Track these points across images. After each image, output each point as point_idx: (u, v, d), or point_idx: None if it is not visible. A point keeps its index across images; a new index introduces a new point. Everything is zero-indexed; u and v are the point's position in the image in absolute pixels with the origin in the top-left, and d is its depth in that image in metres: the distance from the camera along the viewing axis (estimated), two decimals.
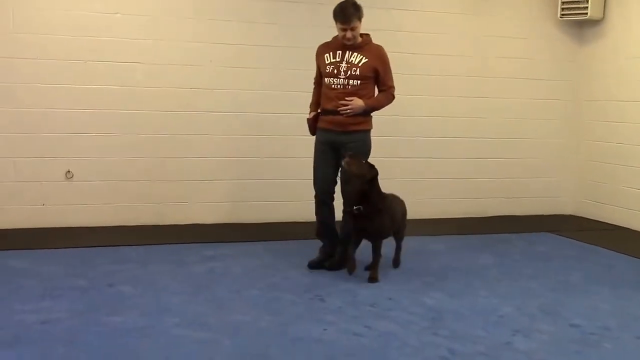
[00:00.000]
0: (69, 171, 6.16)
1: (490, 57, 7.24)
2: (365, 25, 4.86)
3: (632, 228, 6.84)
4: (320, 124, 4.97)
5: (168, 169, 6.41)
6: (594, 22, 7.26)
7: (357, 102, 4.79)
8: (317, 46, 5.04)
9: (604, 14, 7.15)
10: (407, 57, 6.85)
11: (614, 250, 5.94)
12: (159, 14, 6.24)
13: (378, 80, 4.91)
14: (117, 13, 6.12)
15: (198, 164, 6.48)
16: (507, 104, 7.36)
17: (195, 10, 6.33)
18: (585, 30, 7.45)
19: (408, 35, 6.90)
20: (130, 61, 6.19)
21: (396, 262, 5.16)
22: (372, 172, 4.65)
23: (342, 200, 5.01)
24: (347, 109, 4.78)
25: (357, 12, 4.71)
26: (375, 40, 5.01)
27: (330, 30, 4.89)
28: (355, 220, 4.72)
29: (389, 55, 4.99)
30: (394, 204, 4.96)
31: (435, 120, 7.11)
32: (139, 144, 6.30)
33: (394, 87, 4.99)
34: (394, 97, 5.00)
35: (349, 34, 4.74)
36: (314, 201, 5.10)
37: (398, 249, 5.17)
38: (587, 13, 7.06)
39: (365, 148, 4.90)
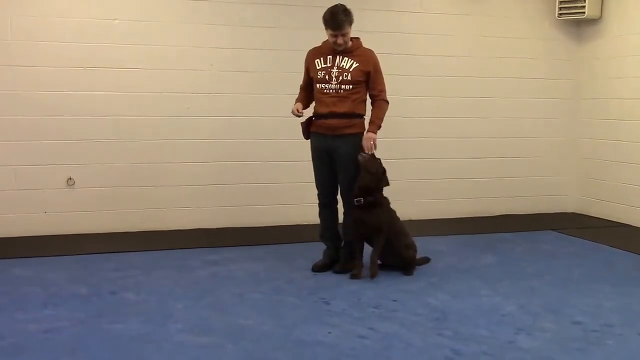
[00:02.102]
0: (70, 178, 6.16)
1: (489, 57, 7.24)
2: (363, 28, 4.87)
3: (634, 225, 6.84)
4: (314, 129, 4.98)
5: (169, 173, 6.41)
6: (592, 21, 7.27)
7: (370, 136, 4.83)
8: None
9: (601, 13, 7.16)
10: (406, 58, 6.89)
11: (616, 247, 5.93)
12: (157, 19, 6.25)
13: (368, 84, 4.89)
14: (115, 19, 6.13)
15: (199, 168, 6.49)
16: (506, 103, 7.37)
17: (193, 15, 6.34)
18: (583, 29, 7.46)
19: (407, 36, 6.91)
20: (129, 67, 6.20)
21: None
22: (381, 169, 4.87)
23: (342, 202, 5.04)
24: (370, 148, 4.82)
25: (347, 17, 4.70)
26: (374, 42, 5.01)
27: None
28: (355, 212, 4.84)
29: (389, 57, 5.01)
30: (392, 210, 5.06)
31: (435, 120, 7.12)
32: (140, 150, 6.31)
33: (384, 91, 4.95)
34: (387, 102, 4.96)
35: (340, 40, 4.74)
36: (316, 204, 5.14)
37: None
38: (584, 12, 7.08)
39: (359, 150, 4.91)
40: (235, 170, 6.58)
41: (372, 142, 4.84)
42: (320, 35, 4.97)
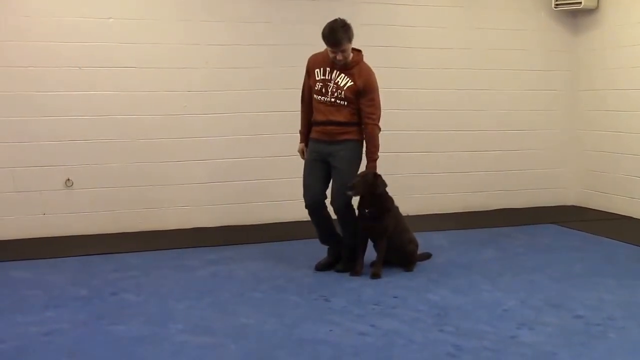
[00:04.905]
0: (68, 179, 6.14)
1: (486, 49, 7.23)
2: (358, 21, 4.82)
3: (634, 216, 6.83)
4: (312, 135, 4.98)
5: (168, 173, 6.40)
6: (588, 12, 7.26)
7: (370, 171, 4.83)
8: (310, 43, 5.00)
9: (597, 3, 7.15)
10: (402, 51, 6.87)
11: (618, 240, 5.92)
12: (151, 17, 6.23)
13: (360, 102, 4.77)
14: (109, 18, 6.11)
15: (197, 166, 6.48)
16: (504, 96, 7.36)
17: (188, 12, 6.32)
18: (579, 20, 7.44)
19: (402, 29, 6.89)
20: (125, 66, 6.18)
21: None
22: (379, 186, 4.77)
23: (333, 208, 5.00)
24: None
25: (346, 34, 4.61)
26: (370, 35, 4.97)
27: (321, 27, 4.80)
28: (363, 219, 4.82)
29: (384, 50, 4.98)
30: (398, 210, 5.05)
31: (432, 114, 7.11)
32: (138, 149, 6.29)
33: (376, 115, 4.81)
34: (379, 128, 4.86)
35: (339, 57, 4.68)
36: None
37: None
38: (581, 2, 7.07)
39: (356, 156, 4.89)
40: (233, 168, 6.57)
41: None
42: (316, 30, 4.92)
